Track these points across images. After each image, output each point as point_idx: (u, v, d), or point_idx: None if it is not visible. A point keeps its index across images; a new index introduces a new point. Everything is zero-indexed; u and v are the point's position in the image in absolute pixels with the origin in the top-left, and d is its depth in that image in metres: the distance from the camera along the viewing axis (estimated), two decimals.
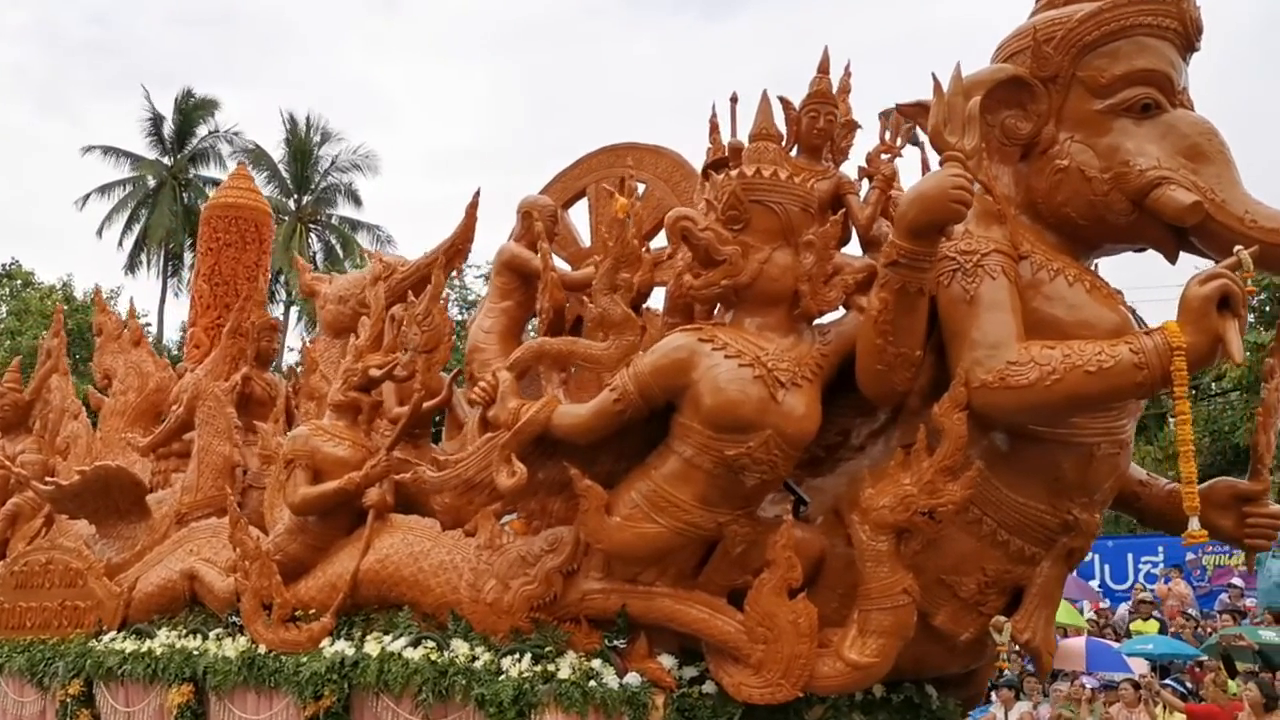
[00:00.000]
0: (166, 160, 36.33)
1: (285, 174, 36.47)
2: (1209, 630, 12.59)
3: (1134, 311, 4.20)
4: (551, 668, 4.20)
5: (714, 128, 5.07)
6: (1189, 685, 10.58)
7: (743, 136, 4.98)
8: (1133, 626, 12.64)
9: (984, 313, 3.91)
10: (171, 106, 36.14)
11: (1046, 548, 4.13)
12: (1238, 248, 3.69)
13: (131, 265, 35.52)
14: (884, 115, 4.92)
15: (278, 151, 36.63)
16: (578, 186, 6.08)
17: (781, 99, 4.71)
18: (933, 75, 3.92)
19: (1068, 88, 4.18)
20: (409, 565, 4.81)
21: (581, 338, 4.64)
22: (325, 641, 4.90)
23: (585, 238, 6.17)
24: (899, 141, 4.79)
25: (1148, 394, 3.83)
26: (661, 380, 4.02)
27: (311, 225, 36.66)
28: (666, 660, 4.23)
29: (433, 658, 4.48)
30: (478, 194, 6.22)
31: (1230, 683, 9.87)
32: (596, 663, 4.20)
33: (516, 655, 4.29)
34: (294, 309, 33.93)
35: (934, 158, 3.85)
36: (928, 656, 4.26)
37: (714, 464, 3.96)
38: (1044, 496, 4.05)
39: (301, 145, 36.76)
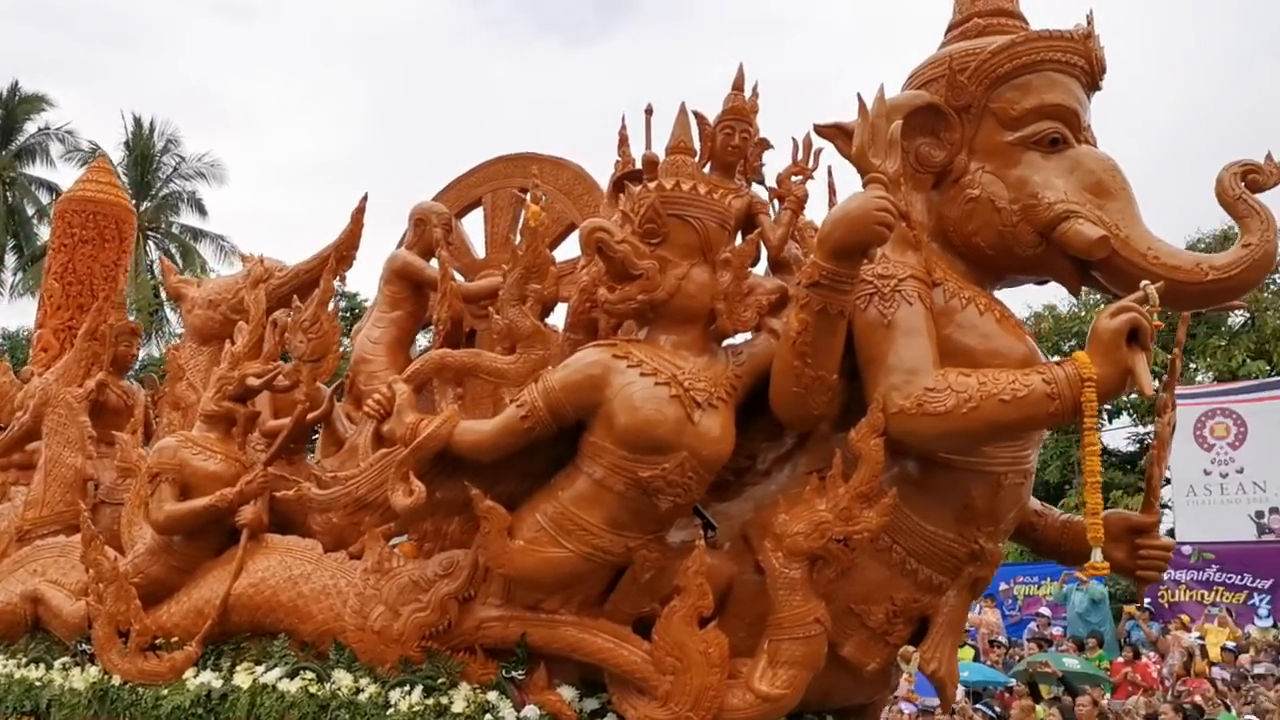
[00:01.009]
0: None
1: (125, 178, 34.76)
2: (1017, 657, 13.12)
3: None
4: (445, 700, 3.95)
5: (623, 140, 4.93)
6: (998, 710, 10.97)
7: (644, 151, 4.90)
8: None
9: (900, 338, 3.88)
10: None
11: (953, 577, 4.10)
12: (1144, 282, 3.73)
13: None
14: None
15: (117, 154, 34.94)
16: (473, 195, 5.85)
17: (696, 114, 4.61)
18: (858, 95, 3.88)
19: (980, 118, 4.20)
20: (287, 589, 4.49)
21: (480, 351, 4.43)
22: (189, 672, 4.54)
23: (478, 249, 5.95)
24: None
25: (1059, 424, 3.84)
26: (573, 397, 3.85)
27: (151, 233, 35.09)
28: (567, 692, 4.01)
29: (312, 690, 4.17)
30: (365, 199, 5.94)
31: (1037, 708, 10.26)
32: (493, 695, 3.96)
33: (406, 687, 4.02)
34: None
35: (842, 182, 3.82)
36: (834, 688, 4.17)
37: (626, 486, 3.79)
38: (952, 525, 4.03)
39: (144, 149, 35.17)
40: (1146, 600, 14.75)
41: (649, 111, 4.75)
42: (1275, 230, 3.84)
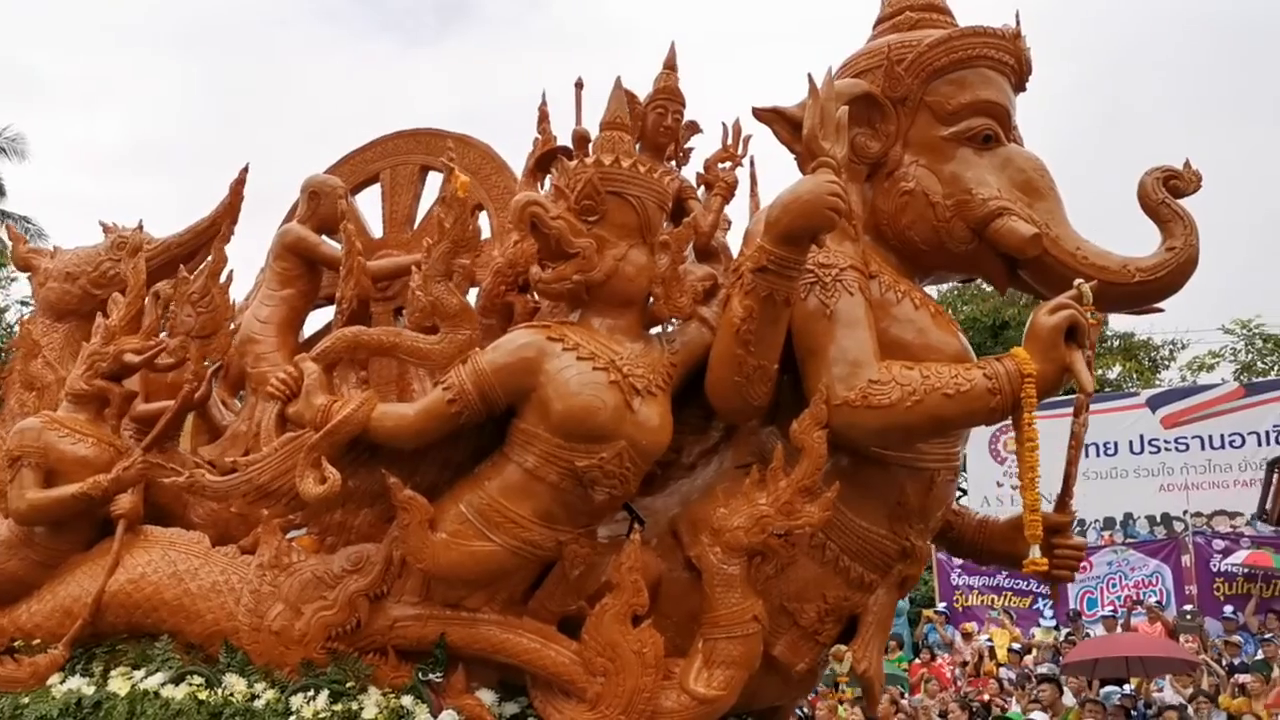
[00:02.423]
0: None
1: None
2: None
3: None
4: (354, 706, 3.64)
5: (544, 117, 4.71)
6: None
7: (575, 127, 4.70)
8: None
9: (842, 329, 3.78)
10: None
11: (883, 575, 4.04)
12: (1078, 280, 3.75)
13: None
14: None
15: None
16: (370, 171, 5.49)
17: (627, 92, 4.42)
18: (809, 76, 3.76)
19: (916, 111, 4.16)
20: (172, 586, 4.08)
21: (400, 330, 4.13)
22: (55, 678, 4.10)
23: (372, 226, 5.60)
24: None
25: (998, 419, 3.82)
26: (505, 380, 3.60)
27: None
28: (486, 696, 3.77)
29: (201, 696, 3.79)
30: (245, 171, 5.58)
31: (840, 708, 10.67)
32: (407, 699, 3.69)
33: (310, 692, 3.69)
34: None
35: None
36: (762, 688, 4.03)
37: (560, 476, 3.58)
38: (885, 522, 3.96)
39: None
40: (942, 605, 15.35)
41: (579, 85, 4.54)
42: (1197, 234, 3.92)
